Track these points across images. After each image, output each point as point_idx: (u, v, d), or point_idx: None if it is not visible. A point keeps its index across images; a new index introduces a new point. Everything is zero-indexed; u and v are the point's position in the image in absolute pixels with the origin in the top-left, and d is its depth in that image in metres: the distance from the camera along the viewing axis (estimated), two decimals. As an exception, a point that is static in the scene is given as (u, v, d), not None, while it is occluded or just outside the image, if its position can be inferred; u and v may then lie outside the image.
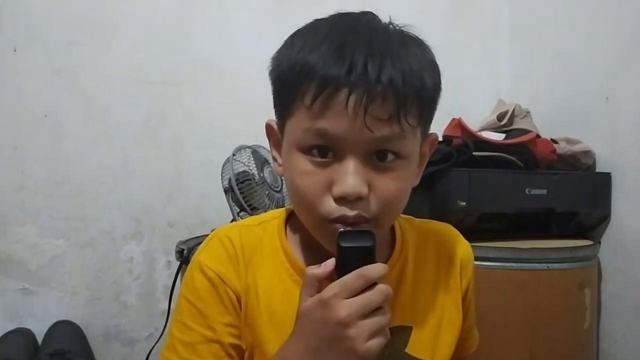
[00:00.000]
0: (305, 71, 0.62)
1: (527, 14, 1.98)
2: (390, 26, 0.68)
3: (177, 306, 0.72)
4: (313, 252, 0.67)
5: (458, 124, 1.59)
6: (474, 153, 1.43)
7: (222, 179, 1.56)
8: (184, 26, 1.84)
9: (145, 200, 1.81)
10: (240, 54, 1.81)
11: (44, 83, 1.73)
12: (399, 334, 0.72)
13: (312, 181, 0.64)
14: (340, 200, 0.62)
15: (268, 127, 0.73)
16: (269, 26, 1.79)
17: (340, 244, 0.60)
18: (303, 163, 0.64)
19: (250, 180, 1.52)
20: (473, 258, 0.82)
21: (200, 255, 0.72)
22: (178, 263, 1.55)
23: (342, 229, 0.62)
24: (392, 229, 0.77)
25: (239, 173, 1.53)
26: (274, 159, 0.73)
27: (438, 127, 1.63)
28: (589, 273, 1.46)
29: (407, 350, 0.72)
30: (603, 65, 1.60)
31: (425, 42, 0.69)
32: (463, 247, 0.81)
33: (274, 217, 0.76)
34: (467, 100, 1.93)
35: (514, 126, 1.67)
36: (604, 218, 1.56)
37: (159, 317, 1.78)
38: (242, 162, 1.55)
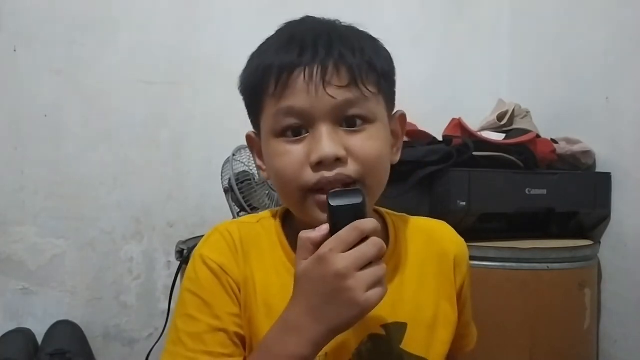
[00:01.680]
0: (264, 69, 0.67)
1: (527, 14, 1.98)
2: (337, 21, 0.72)
3: (180, 301, 0.72)
4: None
5: (458, 124, 1.59)
6: (474, 153, 1.43)
7: (222, 179, 1.56)
8: (184, 26, 1.84)
9: (145, 200, 1.81)
10: (240, 54, 1.79)
11: (44, 83, 1.73)
12: (393, 331, 0.72)
13: (289, 158, 0.66)
14: (319, 166, 0.64)
15: (248, 138, 0.76)
16: (269, 26, 1.79)
17: (331, 203, 0.61)
18: (279, 145, 0.67)
19: (250, 180, 1.52)
20: (468, 255, 0.82)
21: (202, 249, 0.72)
22: (178, 263, 1.55)
23: (331, 190, 0.63)
24: (385, 225, 0.78)
25: (238, 173, 1.53)
26: (260, 167, 0.75)
27: (438, 127, 1.66)
28: (589, 273, 1.46)
29: (402, 346, 0.72)
30: (603, 65, 1.60)
31: (374, 36, 0.72)
32: (457, 244, 0.81)
33: (272, 215, 0.78)
34: (467, 100, 1.93)
35: (514, 126, 1.67)
36: (604, 218, 1.56)
37: (159, 317, 1.78)
38: (242, 162, 1.55)
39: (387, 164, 0.71)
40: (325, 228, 0.61)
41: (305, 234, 0.62)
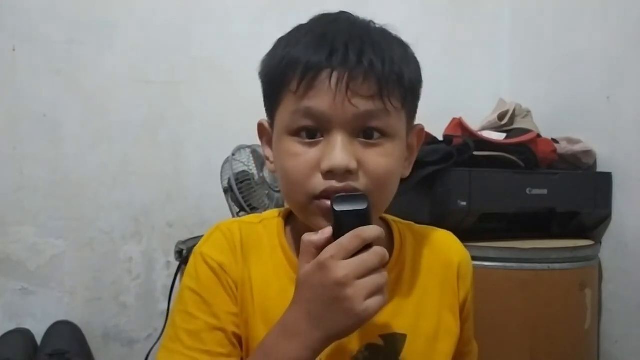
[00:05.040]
0: (290, 63, 0.65)
1: (528, 13, 1.97)
2: (372, 23, 0.70)
3: (179, 297, 0.72)
4: None
5: (459, 124, 1.58)
6: (475, 153, 1.43)
7: (221, 178, 1.55)
8: (183, 25, 1.84)
9: (145, 200, 1.81)
10: (239, 53, 1.81)
11: (44, 82, 1.73)
12: (392, 342, 0.71)
13: (300, 161, 0.65)
14: (329, 174, 0.63)
15: (260, 126, 0.75)
16: (268, 25, 1.79)
17: (335, 208, 0.61)
18: (292, 145, 0.66)
19: (249, 180, 1.52)
20: (472, 268, 0.81)
21: (203, 247, 0.72)
22: (177, 263, 1.54)
23: (337, 195, 0.62)
24: (391, 233, 0.77)
25: (238, 173, 1.53)
26: (267, 158, 0.75)
27: (438, 127, 1.65)
28: (589, 273, 1.46)
29: (401, 358, 0.71)
30: (604, 64, 1.59)
31: (405, 41, 0.71)
32: (461, 256, 0.80)
33: (274, 215, 0.77)
34: (467, 100, 1.93)
35: (514, 126, 1.67)
36: (605, 218, 1.55)
37: (158, 317, 1.78)
38: (241, 162, 1.55)
39: (397, 181, 0.70)
40: (328, 231, 0.61)
41: (307, 237, 0.61)
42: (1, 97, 1.70)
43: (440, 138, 1.50)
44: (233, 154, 1.54)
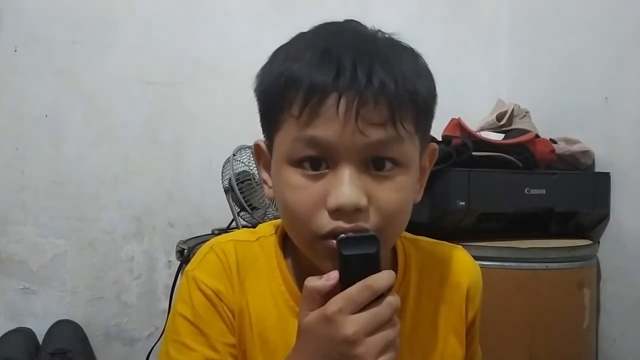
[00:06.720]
0: (290, 81, 0.58)
1: (527, 14, 1.98)
2: (379, 33, 0.63)
3: (172, 325, 0.67)
4: (311, 274, 0.62)
5: (457, 124, 1.59)
6: (473, 153, 1.43)
7: (222, 178, 1.56)
8: (184, 26, 1.85)
9: (146, 200, 1.81)
10: (240, 54, 1.81)
11: (45, 83, 1.73)
12: None
13: (304, 196, 0.59)
14: (336, 213, 0.57)
15: (256, 147, 0.68)
16: (269, 26, 1.80)
17: (342, 251, 0.55)
18: (294, 177, 0.59)
19: (250, 180, 1.53)
20: (481, 284, 0.76)
21: (196, 271, 0.68)
22: (178, 263, 1.55)
23: (342, 235, 0.56)
24: (395, 252, 0.72)
25: (239, 173, 1.53)
26: (264, 182, 0.68)
27: (437, 127, 1.64)
28: (588, 273, 1.47)
29: None
30: (602, 65, 1.60)
31: (416, 50, 0.65)
32: (471, 276, 0.75)
33: (272, 232, 0.71)
34: (466, 100, 1.93)
35: (513, 126, 1.67)
36: (603, 218, 1.56)
37: (160, 316, 1.79)
38: (242, 162, 1.55)
39: (409, 214, 0.63)
40: (334, 277, 0.55)
41: (311, 282, 0.56)
42: (3, 98, 1.71)
43: (439, 138, 1.51)
44: (234, 154, 1.54)
